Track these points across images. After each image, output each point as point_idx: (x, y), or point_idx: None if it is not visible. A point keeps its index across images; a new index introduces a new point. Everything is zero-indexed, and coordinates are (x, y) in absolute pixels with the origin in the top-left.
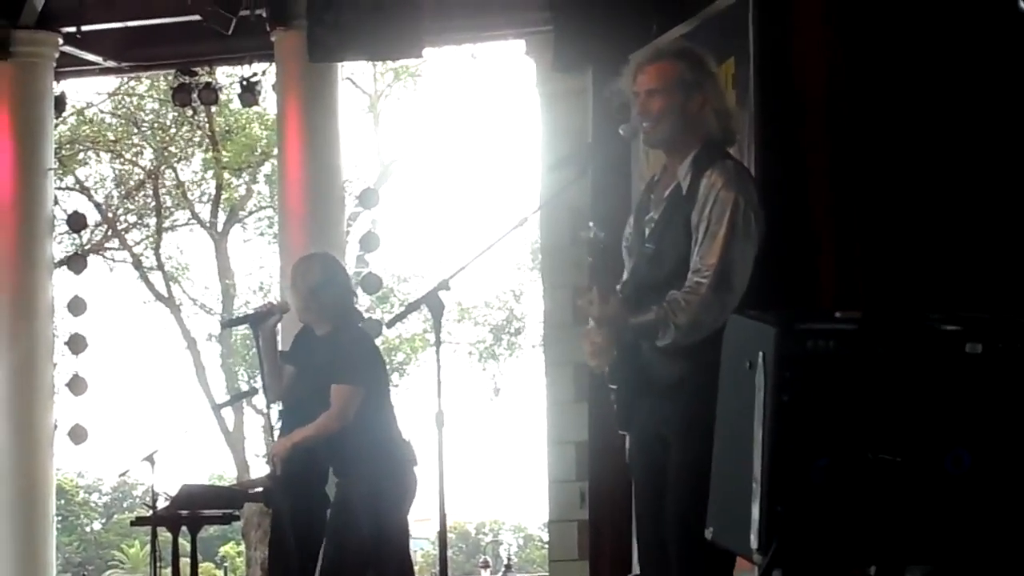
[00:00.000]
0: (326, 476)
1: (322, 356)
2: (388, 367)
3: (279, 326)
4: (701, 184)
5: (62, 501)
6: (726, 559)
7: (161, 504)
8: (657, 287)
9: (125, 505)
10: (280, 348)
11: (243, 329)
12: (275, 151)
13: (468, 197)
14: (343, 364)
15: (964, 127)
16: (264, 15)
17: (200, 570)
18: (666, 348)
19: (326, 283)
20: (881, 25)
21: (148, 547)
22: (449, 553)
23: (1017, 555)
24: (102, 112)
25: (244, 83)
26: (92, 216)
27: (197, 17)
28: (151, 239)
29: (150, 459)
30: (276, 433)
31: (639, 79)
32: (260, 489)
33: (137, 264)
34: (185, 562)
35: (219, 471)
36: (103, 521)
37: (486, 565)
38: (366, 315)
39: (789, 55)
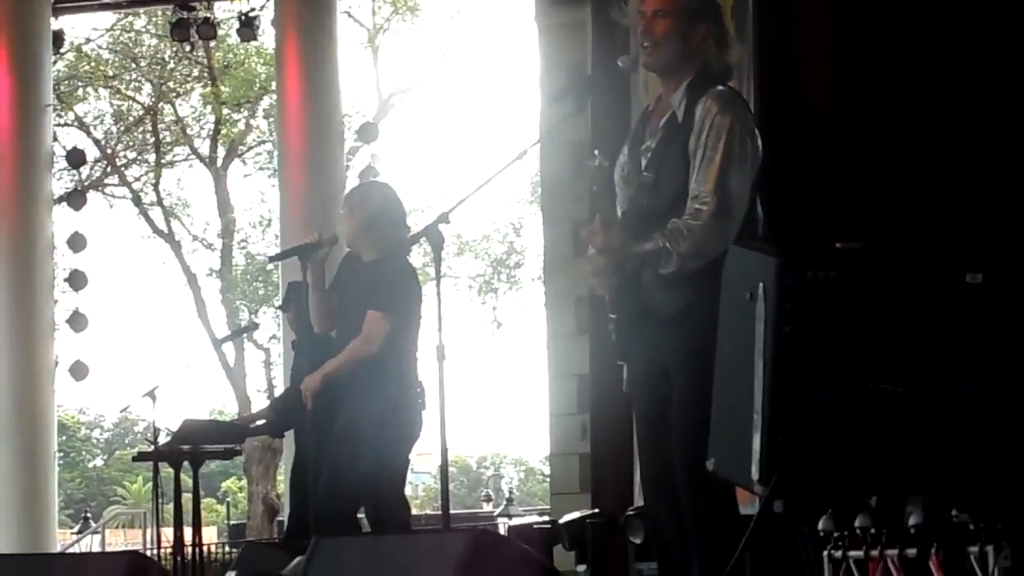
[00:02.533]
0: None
1: (365, 282)
2: None
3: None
4: (696, 110)
5: (63, 438)
6: (731, 489)
7: (163, 440)
8: (658, 215)
9: (127, 441)
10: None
11: (244, 264)
12: (274, 86)
13: (467, 130)
14: (381, 290)
15: (968, 60)
16: None
17: (202, 505)
18: (668, 277)
19: (385, 212)
20: None
21: (150, 483)
22: (451, 487)
23: (1017, 484)
24: (100, 48)
25: (242, 18)
26: (91, 152)
27: None
28: (150, 175)
29: (151, 395)
30: (282, 369)
31: (645, 0)
32: (262, 422)
33: (137, 200)
34: (187, 497)
35: (220, 406)
36: (105, 457)
37: (488, 499)
38: None
39: None
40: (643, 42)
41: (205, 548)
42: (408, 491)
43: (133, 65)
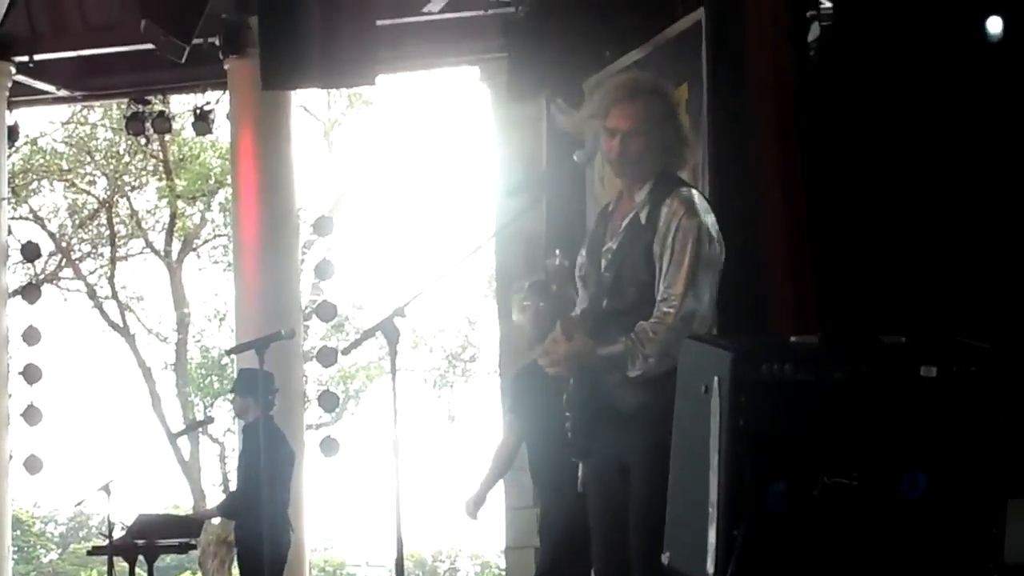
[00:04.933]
0: None
1: None
2: (344, 394)
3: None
4: (661, 213)
5: (18, 532)
6: None
7: (117, 534)
8: (618, 316)
9: (81, 535)
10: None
11: (199, 358)
12: (229, 179)
13: (423, 224)
14: None
15: (917, 152)
16: (217, 43)
17: None
18: (634, 378)
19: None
20: (832, 48)
21: None
22: None
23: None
24: (55, 141)
25: (198, 111)
26: (46, 246)
27: (150, 46)
28: (105, 268)
29: (106, 489)
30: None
31: (614, 115)
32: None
33: (91, 293)
34: None
35: (175, 501)
36: (60, 551)
37: None
38: (320, 343)
39: (742, 80)
40: (614, 158)
41: None
42: None
43: (88, 158)
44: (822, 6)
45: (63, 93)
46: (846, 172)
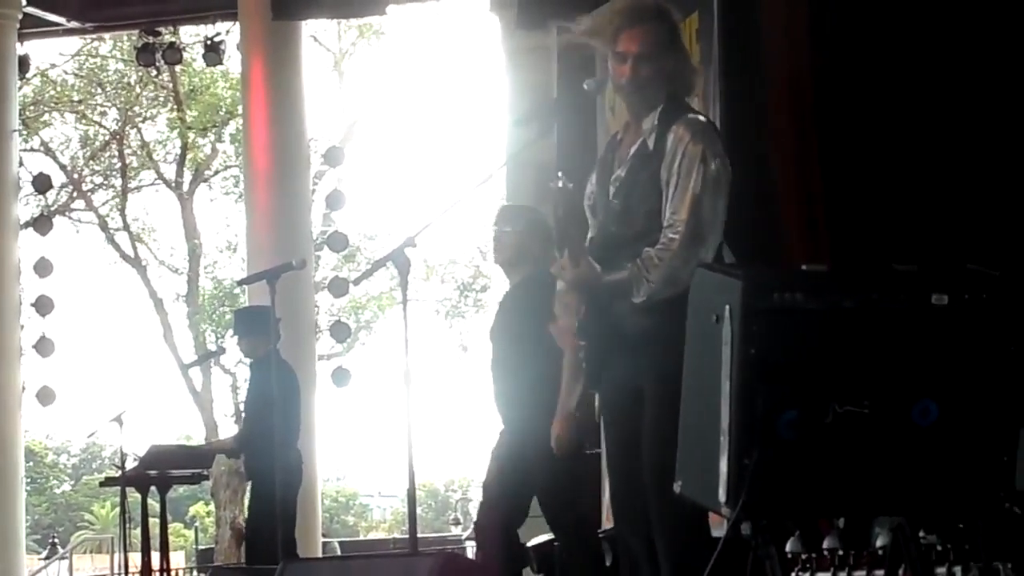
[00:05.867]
0: None
1: (517, 299)
2: (355, 325)
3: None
4: (668, 139)
5: (31, 463)
6: (702, 511)
7: (130, 465)
8: (626, 244)
9: (94, 466)
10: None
11: (211, 289)
12: (240, 110)
13: (434, 154)
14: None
15: (929, 85)
16: None
17: (170, 530)
18: (641, 304)
19: (533, 232)
20: None
21: (117, 508)
22: (418, 511)
23: (983, 505)
24: (66, 73)
25: (208, 42)
26: (57, 177)
27: None
28: (117, 200)
29: (118, 420)
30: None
31: (622, 41)
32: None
33: (103, 225)
34: (154, 522)
35: (187, 431)
36: (72, 483)
37: (456, 522)
38: (331, 273)
39: (753, 10)
40: (625, 83)
41: (173, 573)
42: (376, 515)
43: (99, 90)
44: None
45: (73, 24)
46: (857, 97)
